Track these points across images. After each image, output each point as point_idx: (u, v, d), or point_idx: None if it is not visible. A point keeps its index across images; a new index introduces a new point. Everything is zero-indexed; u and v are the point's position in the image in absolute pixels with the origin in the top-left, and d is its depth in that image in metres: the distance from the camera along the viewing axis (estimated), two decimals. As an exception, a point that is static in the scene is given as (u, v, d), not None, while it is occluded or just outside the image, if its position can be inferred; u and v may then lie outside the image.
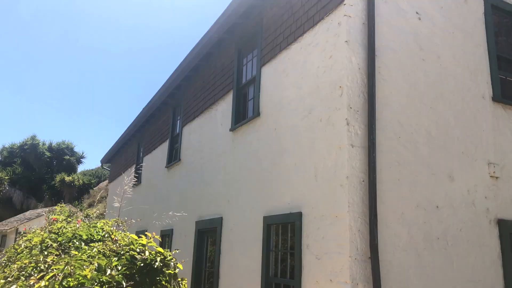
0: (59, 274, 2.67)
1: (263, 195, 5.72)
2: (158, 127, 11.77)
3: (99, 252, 3.70)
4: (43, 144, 42.46)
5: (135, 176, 13.73)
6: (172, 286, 2.87)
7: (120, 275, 2.68)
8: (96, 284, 2.65)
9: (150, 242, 2.95)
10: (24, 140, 42.19)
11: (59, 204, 5.37)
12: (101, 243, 4.47)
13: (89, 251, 3.48)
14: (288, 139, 5.31)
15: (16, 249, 5.38)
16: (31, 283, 2.61)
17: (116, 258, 2.84)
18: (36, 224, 5.84)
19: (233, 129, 6.89)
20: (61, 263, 2.67)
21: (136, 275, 2.77)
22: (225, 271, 6.47)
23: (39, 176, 40.73)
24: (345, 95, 4.41)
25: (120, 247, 3.52)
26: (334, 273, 4.05)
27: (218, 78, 7.89)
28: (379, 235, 4.04)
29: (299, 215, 4.73)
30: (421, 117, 4.80)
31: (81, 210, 7.13)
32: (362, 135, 4.35)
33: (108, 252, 4.15)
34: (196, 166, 8.45)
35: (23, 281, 2.95)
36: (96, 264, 2.79)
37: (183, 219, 8.28)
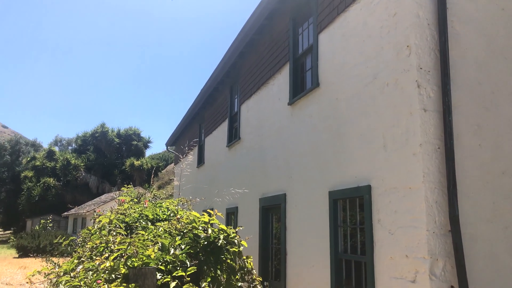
0: (124, 255, 2.64)
1: (327, 169, 5.46)
2: (217, 107, 11.78)
3: (165, 231, 3.68)
4: (112, 131, 44.83)
5: (198, 157, 14.00)
6: (238, 264, 2.75)
7: (183, 254, 2.60)
8: (160, 263, 2.59)
9: (213, 220, 2.84)
10: (95, 128, 44.81)
11: (125, 186, 5.48)
12: (167, 222, 4.49)
13: (155, 231, 3.47)
14: (352, 108, 4.98)
15: (90, 230, 5.61)
16: (97, 263, 2.60)
17: (179, 237, 2.77)
18: (110, 207, 6.06)
19: (291, 102, 6.64)
20: (124, 244, 2.63)
21: (200, 254, 2.68)
22: (293, 248, 6.35)
23: (110, 161, 43.20)
24: (414, 54, 3.99)
25: (183, 225, 3.47)
26: (410, 248, 3.74)
27: (273, 51, 7.62)
28: (459, 207, 3.66)
29: (367, 189, 4.43)
30: (502, 74, 4.27)
31: (150, 192, 7.34)
32: (436, 97, 3.93)
33: (173, 231, 4.16)
34: (256, 144, 8.33)
35: (89, 262, 2.98)
36: (159, 244, 2.74)
37: (247, 197, 8.25)
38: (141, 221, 4.51)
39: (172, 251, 2.60)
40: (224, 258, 2.70)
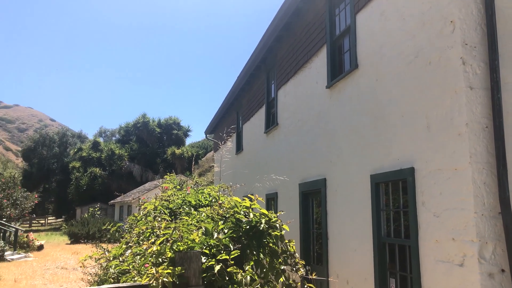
0: (170, 239, 2.72)
1: (368, 152, 5.36)
2: (254, 93, 11.79)
3: (207, 216, 3.76)
4: (153, 121, 45.96)
5: (236, 144, 14.12)
6: (280, 248, 2.77)
7: (227, 238, 2.64)
8: (204, 247, 2.65)
9: (254, 205, 2.87)
10: (137, 119, 46.10)
11: (168, 173, 5.62)
12: (209, 208, 4.59)
13: (198, 216, 3.55)
14: (393, 88, 4.84)
15: (136, 217, 5.82)
16: (145, 248, 2.70)
17: (222, 222, 2.82)
18: (154, 194, 6.24)
19: (329, 85, 6.54)
20: (169, 229, 2.71)
21: (243, 238, 2.71)
22: (334, 232, 6.32)
23: (152, 150, 44.41)
24: (458, 30, 3.81)
25: (225, 211, 3.53)
26: (456, 231, 3.63)
27: (310, 33, 7.50)
28: (510, 188, 3.50)
29: (411, 171, 4.32)
30: (556, 47, 3.99)
31: (192, 179, 7.50)
32: (483, 74, 3.75)
33: (216, 217, 4.24)
34: (294, 129, 8.29)
35: (136, 247, 3.09)
36: (203, 228, 2.80)
37: (286, 182, 8.26)
38: (184, 207, 4.63)
39: (215, 235, 2.65)
40: (266, 242, 2.72)
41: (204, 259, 2.58)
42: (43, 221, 47.65)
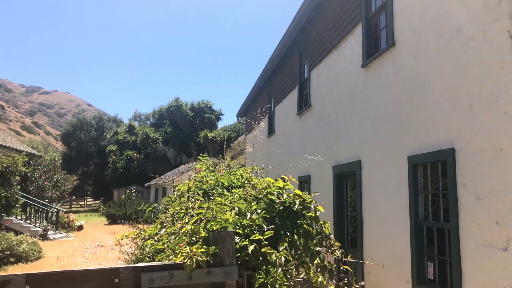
0: (204, 219, 2.72)
1: (405, 133, 5.18)
2: (286, 75, 11.64)
3: (240, 197, 3.75)
4: (186, 105, 46.48)
5: (268, 127, 14.06)
6: (314, 230, 2.71)
7: (260, 219, 2.61)
8: (238, 227, 2.63)
9: (287, 185, 2.82)
10: (170, 103, 46.74)
11: (201, 154, 5.65)
12: (241, 189, 4.58)
13: (231, 197, 3.54)
14: (432, 66, 4.62)
15: (170, 198, 5.90)
16: (179, 227, 2.71)
17: (255, 202, 2.78)
18: (187, 176, 6.31)
19: (365, 64, 6.34)
20: (203, 208, 2.71)
21: (276, 219, 2.68)
22: (369, 215, 6.20)
23: (185, 134, 45.04)
24: (505, 1, 3.56)
25: (258, 191, 3.50)
26: (501, 214, 3.46)
27: (344, 11, 7.27)
28: (560, 169, 3.29)
29: (451, 152, 4.14)
30: None
31: (224, 162, 7.52)
32: (532, 48, 3.50)
33: (248, 198, 4.22)
34: (328, 110, 8.14)
35: (170, 226, 3.12)
36: (236, 209, 2.78)
37: (319, 165, 8.15)
38: (217, 188, 4.64)
39: (248, 215, 2.63)
40: (300, 223, 2.67)
41: (238, 239, 2.57)
42: (82, 203, 49.56)
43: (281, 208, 2.70)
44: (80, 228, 22.16)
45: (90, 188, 55.30)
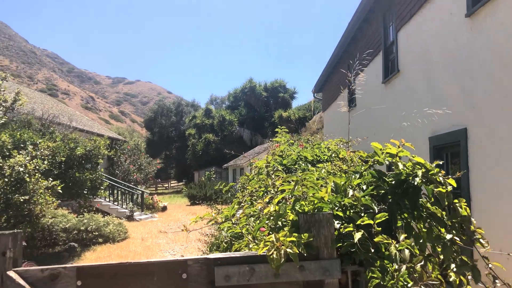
0: (290, 197, 2.12)
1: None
2: (367, 41, 10.57)
3: (328, 173, 3.09)
4: (259, 85, 46.20)
5: (348, 99, 13.08)
6: (445, 210, 1.98)
7: (367, 197, 1.94)
8: (337, 208, 1.99)
9: (402, 152, 2.10)
10: (244, 84, 46.78)
11: (278, 127, 5.05)
12: (329, 163, 3.91)
13: (317, 173, 2.91)
14: None
15: (248, 176, 5.42)
16: (259, 208, 2.13)
17: (357, 175, 2.11)
18: (264, 156, 5.81)
19: (470, 13, 5.26)
20: (289, 184, 2.10)
21: (389, 196, 1.99)
22: (479, 192, 5.21)
23: (260, 115, 44.91)
24: None
25: (353, 163, 2.82)
26: None
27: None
28: None
29: None
30: None
31: (300, 140, 6.93)
32: None
33: (338, 173, 3.54)
34: (420, 74, 7.09)
35: (248, 206, 2.56)
36: (332, 184, 2.13)
37: (411, 137, 7.17)
38: (300, 162, 4.02)
39: (350, 192, 1.97)
40: (423, 202, 1.96)
41: (338, 223, 1.93)
42: (167, 185, 51.92)
43: (395, 182, 2.00)
44: (164, 209, 22.93)
45: (173, 171, 57.71)
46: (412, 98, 7.50)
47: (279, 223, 1.96)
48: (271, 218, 1.95)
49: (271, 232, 1.93)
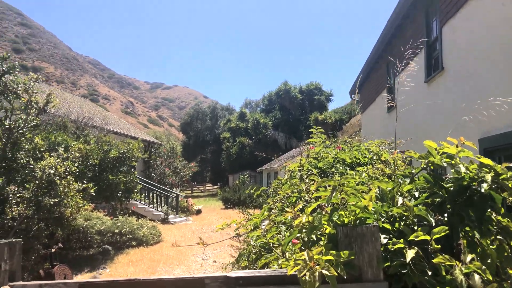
0: (325, 205, 1.79)
1: None
2: (408, 38, 10.03)
3: (370, 177, 2.75)
4: (294, 88, 45.76)
5: (388, 100, 12.51)
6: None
7: (420, 206, 1.60)
8: (383, 220, 1.65)
9: (463, 152, 1.74)
10: (278, 87, 46.46)
11: (313, 127, 4.71)
12: (370, 166, 3.55)
13: (356, 177, 2.57)
14: None
15: (280, 180, 5.11)
16: (289, 218, 1.82)
17: (406, 180, 1.76)
18: (299, 160, 5.48)
19: (528, 0, 4.74)
20: (326, 189, 1.77)
21: (447, 205, 1.63)
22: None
23: (295, 117, 44.44)
24: None
25: (397, 166, 2.48)
26: None
27: None
28: None
29: None
30: None
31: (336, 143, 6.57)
32: None
33: (380, 177, 3.18)
34: (468, 70, 6.55)
35: (278, 214, 2.25)
36: (376, 190, 1.79)
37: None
38: (338, 165, 3.67)
39: (400, 200, 1.63)
40: (490, 213, 1.60)
41: (385, 238, 1.59)
42: (202, 188, 52.28)
43: (455, 188, 1.64)
44: (199, 212, 22.92)
45: (208, 174, 58.09)
46: (458, 97, 6.96)
47: (313, 236, 1.65)
48: (304, 230, 1.64)
49: (303, 247, 1.62)
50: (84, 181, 7.63)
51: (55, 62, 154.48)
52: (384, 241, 1.57)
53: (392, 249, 1.54)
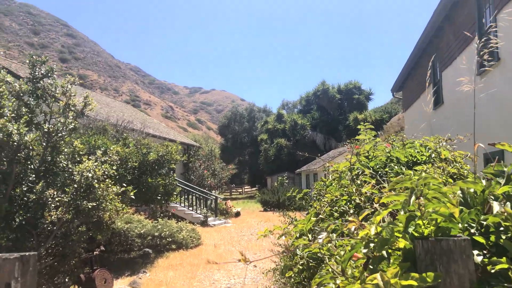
0: (394, 212, 1.46)
1: None
2: (457, 28, 9.39)
3: (432, 178, 2.35)
4: (332, 87, 44.94)
5: (434, 96, 11.82)
6: None
7: (523, 214, 1.23)
8: (473, 231, 1.30)
9: None
10: (316, 87, 45.80)
11: (361, 123, 4.33)
12: (430, 165, 3.15)
13: (415, 177, 2.20)
14: None
15: (324, 182, 4.76)
16: (352, 228, 1.49)
17: (501, 180, 1.40)
18: (339, 161, 5.13)
19: None
20: (401, 192, 1.44)
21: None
22: None
23: (333, 118, 43.61)
24: None
25: (456, 165, 2.08)
26: None
27: None
28: None
29: None
30: None
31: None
32: None
33: (444, 177, 2.78)
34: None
35: (328, 219, 1.93)
36: (458, 193, 1.44)
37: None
38: (392, 165, 3.29)
39: (496, 206, 1.27)
40: None
41: (478, 254, 1.24)
42: (241, 190, 52.32)
43: None
44: (238, 214, 22.77)
45: (246, 176, 58.10)
46: (519, 88, 6.36)
47: (383, 252, 1.32)
48: (371, 244, 1.31)
49: (371, 266, 1.29)
50: (124, 184, 7.57)
51: (98, 70, 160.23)
52: (479, 259, 1.22)
53: (490, 270, 1.19)
